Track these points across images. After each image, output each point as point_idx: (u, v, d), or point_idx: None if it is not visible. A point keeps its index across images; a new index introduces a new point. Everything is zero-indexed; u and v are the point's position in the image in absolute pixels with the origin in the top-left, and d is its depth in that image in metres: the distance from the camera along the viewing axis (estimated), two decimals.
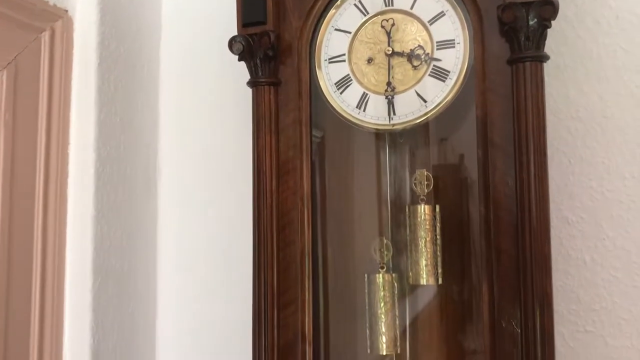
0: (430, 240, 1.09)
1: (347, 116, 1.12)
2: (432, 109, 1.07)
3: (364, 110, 1.11)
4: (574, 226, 1.21)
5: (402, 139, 1.16)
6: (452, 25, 1.06)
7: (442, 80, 1.06)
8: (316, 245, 1.15)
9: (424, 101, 1.07)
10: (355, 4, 1.12)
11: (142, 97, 1.43)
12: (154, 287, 1.45)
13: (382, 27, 1.10)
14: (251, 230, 1.12)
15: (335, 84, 1.13)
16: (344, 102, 1.12)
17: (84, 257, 1.26)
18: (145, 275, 1.43)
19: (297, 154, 1.12)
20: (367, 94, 1.11)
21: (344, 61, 1.13)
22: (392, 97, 1.09)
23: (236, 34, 1.13)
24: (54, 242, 1.25)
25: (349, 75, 1.12)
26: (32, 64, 1.22)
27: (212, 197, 1.43)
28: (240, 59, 1.14)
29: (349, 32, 1.12)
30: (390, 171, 1.17)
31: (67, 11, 1.29)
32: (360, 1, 1.12)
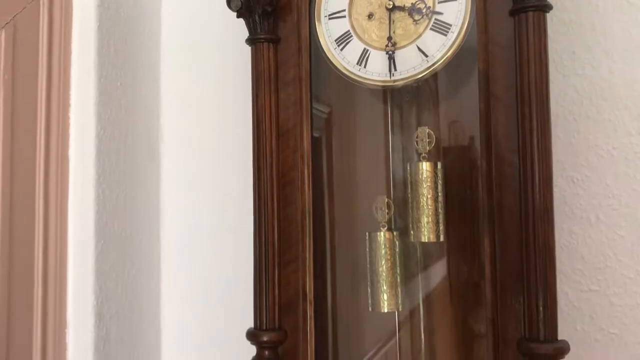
0: (431, 197, 1.08)
1: (347, 73, 1.11)
2: (433, 64, 1.05)
3: (365, 66, 1.09)
4: (579, 185, 1.19)
5: (403, 96, 1.14)
6: None
7: (443, 34, 1.05)
8: (317, 204, 1.14)
9: (426, 56, 1.06)
10: None
11: (143, 60, 1.42)
12: (158, 251, 1.46)
13: None
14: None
15: (335, 40, 1.11)
16: (345, 59, 1.11)
17: (86, 220, 1.26)
18: (148, 239, 1.43)
19: (297, 112, 1.11)
20: (367, 50, 1.09)
21: (344, 17, 1.11)
22: (393, 53, 1.08)
23: None
24: (55, 205, 1.25)
25: (349, 31, 1.11)
26: (31, 25, 1.21)
27: (216, 160, 1.42)
28: (238, 16, 1.13)
29: None
30: (391, 129, 1.15)
31: None
32: None
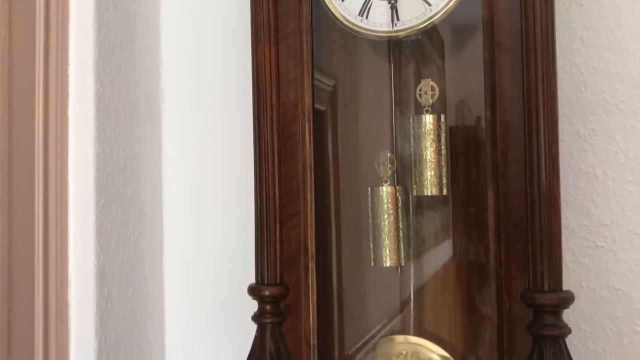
0: (434, 150, 1.06)
1: (348, 24, 1.09)
2: (436, 13, 1.03)
3: (367, 17, 1.07)
4: (586, 140, 1.17)
5: (406, 47, 1.12)
6: None
7: None
8: (319, 159, 1.12)
9: (429, 5, 1.03)
10: None
11: (143, 19, 1.40)
12: (160, 213, 1.45)
13: None
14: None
15: None
16: (346, 10, 1.08)
17: (86, 178, 1.25)
18: (151, 201, 1.42)
19: (297, 64, 1.09)
20: (369, 0, 1.07)
21: None
22: (396, 2, 1.05)
23: None
24: (55, 163, 1.23)
25: None
26: None
27: (217, 121, 1.41)
28: None
29: None
30: (394, 82, 1.13)
31: None
32: None
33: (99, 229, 1.25)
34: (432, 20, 1.03)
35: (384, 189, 1.10)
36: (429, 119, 1.06)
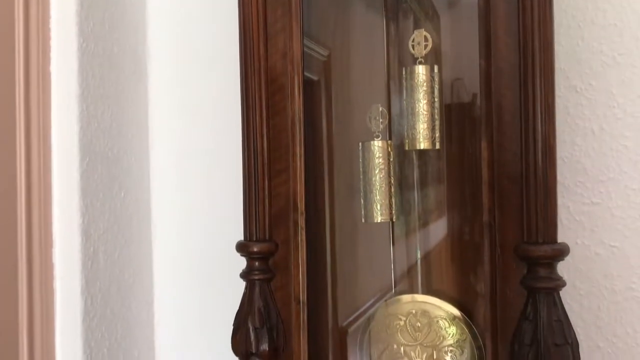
0: (427, 102, 1.03)
1: None
2: None
3: None
4: (582, 94, 1.14)
5: None
6: None
7: None
8: (309, 113, 1.09)
9: None
10: None
11: None
12: (147, 174, 1.41)
13: None
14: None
15: None
16: None
17: (70, 136, 1.21)
18: (137, 161, 1.39)
19: (286, 12, 1.05)
20: None
21: None
22: None
23: None
24: (38, 119, 1.20)
25: None
26: None
27: (205, 77, 1.37)
28: None
29: None
30: (387, 35, 1.10)
31: None
32: None
33: (83, 188, 1.23)
34: None
35: (376, 143, 1.07)
36: (421, 70, 1.03)
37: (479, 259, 1.02)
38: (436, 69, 1.04)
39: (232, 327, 1.06)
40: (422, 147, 1.03)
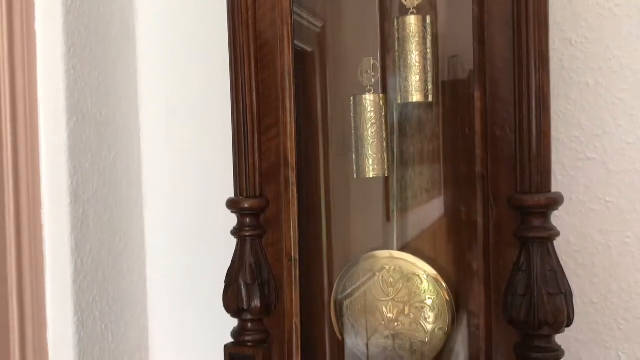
0: (420, 54, 1.01)
1: None
2: None
3: None
4: (577, 47, 1.12)
5: None
6: None
7: None
8: (299, 67, 1.07)
9: None
10: None
11: None
12: (137, 136, 1.39)
13: None
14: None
15: None
16: None
17: (57, 94, 1.19)
18: (126, 123, 1.36)
19: None
20: None
21: None
22: None
23: None
24: (23, 79, 1.18)
25: None
26: None
27: (194, 35, 1.34)
28: None
29: None
30: None
31: None
32: None
33: (71, 148, 1.21)
34: None
35: (367, 97, 1.05)
36: (413, 21, 1.01)
37: (472, 215, 1.01)
38: (429, 19, 1.01)
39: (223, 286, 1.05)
40: (414, 100, 1.01)
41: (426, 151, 1.07)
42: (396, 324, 1.06)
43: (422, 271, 1.04)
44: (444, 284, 1.03)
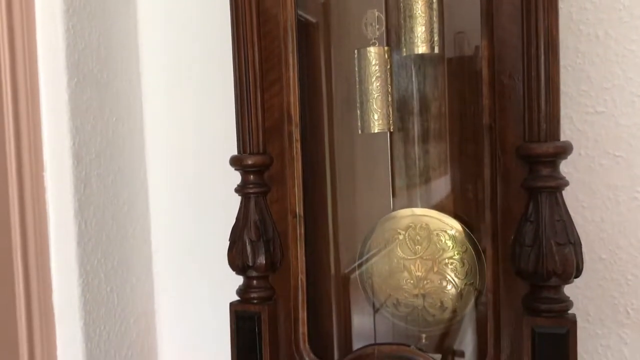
0: (425, 3, 0.98)
1: None
2: None
3: None
4: None
5: None
6: None
7: None
8: (302, 19, 1.04)
9: None
10: None
11: None
12: (139, 98, 1.37)
13: None
14: None
15: None
16: None
17: (56, 54, 1.17)
18: (128, 85, 1.34)
19: None
20: None
21: None
22: None
23: None
24: (22, 38, 1.16)
25: None
26: None
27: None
28: None
29: None
30: None
31: None
32: None
33: (73, 109, 1.19)
34: None
35: (372, 50, 1.03)
36: None
37: (480, 168, 0.99)
38: None
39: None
40: (420, 52, 0.99)
41: (434, 105, 1.05)
42: (425, 282, 1.04)
43: (449, 226, 1.03)
44: (474, 238, 1.01)
